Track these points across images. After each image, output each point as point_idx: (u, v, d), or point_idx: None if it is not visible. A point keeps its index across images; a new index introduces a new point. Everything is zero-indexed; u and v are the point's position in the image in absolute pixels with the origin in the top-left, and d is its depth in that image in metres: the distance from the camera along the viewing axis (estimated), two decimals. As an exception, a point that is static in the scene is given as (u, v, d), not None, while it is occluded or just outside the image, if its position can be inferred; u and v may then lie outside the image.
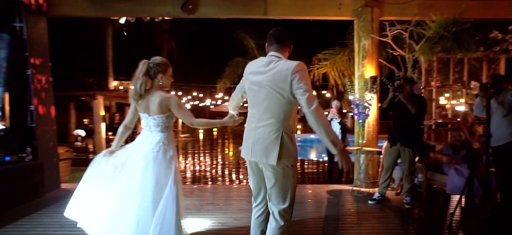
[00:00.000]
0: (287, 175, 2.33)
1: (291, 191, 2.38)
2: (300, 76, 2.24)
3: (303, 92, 2.21)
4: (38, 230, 3.62)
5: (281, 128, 2.28)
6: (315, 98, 2.23)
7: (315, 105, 2.20)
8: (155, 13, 5.93)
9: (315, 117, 2.19)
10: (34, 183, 4.87)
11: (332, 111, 6.18)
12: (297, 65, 2.27)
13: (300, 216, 4.21)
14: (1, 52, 4.98)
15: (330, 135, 2.21)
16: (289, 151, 2.30)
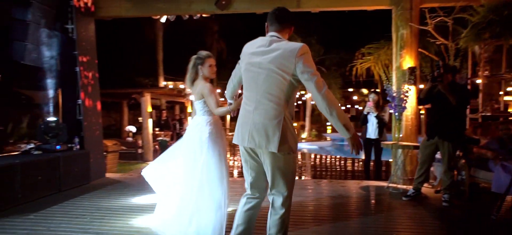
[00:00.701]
0: (287, 162, 2.21)
1: (291, 179, 2.27)
2: (306, 59, 2.12)
3: (310, 75, 2.09)
4: (79, 211, 3.95)
5: (282, 113, 2.15)
6: (323, 81, 2.12)
7: (325, 88, 2.09)
8: (191, 10, 6.14)
9: (326, 101, 2.07)
10: (80, 171, 5.30)
11: (368, 105, 5.96)
12: (302, 47, 2.14)
13: (328, 212, 4.13)
14: (55, 51, 5.48)
15: (343, 118, 2.10)
16: (290, 137, 2.18)
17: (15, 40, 5.02)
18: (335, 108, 2.09)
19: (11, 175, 4.12)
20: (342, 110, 2.12)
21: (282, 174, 2.22)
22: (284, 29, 2.30)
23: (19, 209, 3.98)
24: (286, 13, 2.32)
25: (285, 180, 2.24)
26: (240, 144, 2.29)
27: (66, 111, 5.67)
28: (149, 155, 10.67)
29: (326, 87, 2.11)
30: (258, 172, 2.33)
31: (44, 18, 5.27)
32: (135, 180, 5.78)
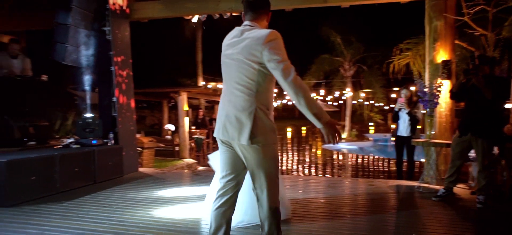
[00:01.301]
0: (265, 154, 2.10)
1: (271, 171, 2.14)
2: (272, 46, 2.02)
3: (276, 63, 2.00)
4: (107, 201, 4.19)
5: (255, 103, 2.07)
6: (291, 68, 2.00)
7: (292, 75, 1.98)
8: (219, 9, 6.26)
9: (293, 88, 1.96)
10: (114, 164, 5.60)
11: (400, 101, 5.71)
12: (270, 33, 2.05)
13: (348, 210, 4.02)
14: (92, 51, 5.85)
15: (313, 106, 1.97)
16: (264, 128, 2.08)
17: (58, 42, 5.44)
18: (303, 96, 1.97)
19: (51, 165, 4.47)
20: (311, 98, 2.00)
21: (260, 167, 2.12)
22: (259, 17, 2.21)
23: (56, 197, 4.30)
24: (264, 3, 2.23)
25: (265, 172, 2.13)
26: (217, 136, 2.25)
27: (103, 108, 6.03)
28: (185, 153, 11.01)
29: (293, 74, 1.99)
30: (232, 165, 2.23)
31: (83, 21, 5.65)
32: (165, 175, 6.00)
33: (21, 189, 4.04)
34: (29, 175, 4.15)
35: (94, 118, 5.62)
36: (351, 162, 12.38)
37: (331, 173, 9.75)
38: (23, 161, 4.13)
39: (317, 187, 5.09)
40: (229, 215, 2.27)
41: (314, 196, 4.51)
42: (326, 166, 11.32)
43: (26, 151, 4.79)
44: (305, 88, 1.99)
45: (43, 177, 4.32)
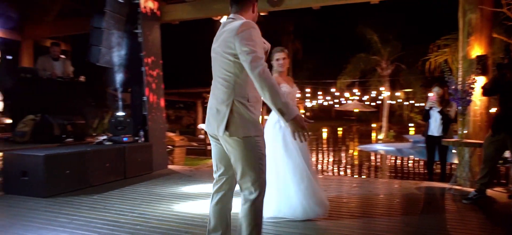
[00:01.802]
0: (246, 147, 2.05)
1: (254, 165, 2.07)
2: (244, 36, 1.98)
3: (246, 54, 1.95)
4: (134, 195, 4.38)
5: (232, 95, 2.05)
6: (259, 60, 1.94)
7: (259, 68, 1.91)
8: (245, 9, 6.31)
9: (259, 81, 1.91)
10: (144, 160, 5.84)
11: (430, 99, 5.44)
12: (242, 24, 2.01)
13: (374, 211, 3.92)
14: (124, 53, 6.14)
15: (277, 101, 1.90)
16: (243, 121, 2.04)
17: (93, 45, 5.77)
18: (268, 89, 1.91)
19: (84, 160, 4.75)
20: (277, 92, 1.92)
21: (240, 160, 2.07)
22: (243, 8, 2.17)
23: (88, 190, 4.57)
24: None
25: (247, 166, 2.07)
26: (205, 129, 2.27)
27: (134, 107, 6.31)
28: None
29: (261, 67, 1.93)
30: (221, 159, 2.21)
31: (116, 24, 5.95)
32: (192, 172, 6.16)
33: (57, 182, 4.33)
34: (64, 168, 4.44)
35: (125, 116, 5.90)
36: (385, 163, 11.99)
37: (364, 174, 9.50)
38: (59, 155, 4.43)
39: (344, 187, 4.99)
40: (226, 211, 2.25)
41: (338, 194, 4.43)
42: (359, 166, 11.05)
43: (63, 147, 5.12)
44: (271, 83, 1.92)
45: (77, 171, 4.60)
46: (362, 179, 7.30)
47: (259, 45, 2.01)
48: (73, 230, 3.07)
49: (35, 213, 3.59)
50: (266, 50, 2.19)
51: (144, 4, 6.29)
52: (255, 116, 2.09)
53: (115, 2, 5.79)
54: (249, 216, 2.06)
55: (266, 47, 2.19)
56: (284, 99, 1.93)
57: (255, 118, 2.09)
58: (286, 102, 1.93)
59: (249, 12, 2.20)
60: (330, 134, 27.28)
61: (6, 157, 4.46)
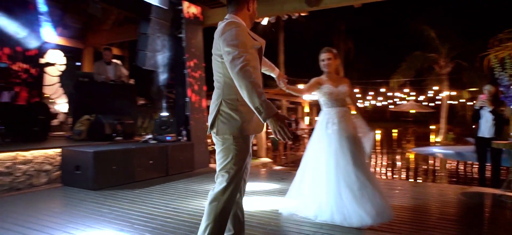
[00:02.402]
0: (226, 146, 2.08)
1: (231, 166, 2.07)
2: (226, 37, 1.98)
3: (227, 55, 1.96)
4: (172, 191, 4.63)
5: (221, 96, 2.09)
6: (238, 58, 1.91)
7: (237, 67, 1.90)
8: (284, 10, 6.37)
9: (237, 80, 1.91)
10: (185, 159, 6.12)
11: (481, 98, 5.05)
12: (225, 25, 2.03)
13: (411, 217, 3.74)
14: (168, 56, 6.50)
15: (254, 100, 1.86)
16: (228, 121, 2.07)
17: (139, 50, 6.19)
18: (244, 88, 1.88)
19: (129, 157, 5.12)
20: (253, 90, 1.86)
21: (221, 157, 2.11)
22: (238, 7, 2.18)
23: (132, 185, 4.91)
24: None
25: (223, 165, 2.09)
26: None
27: (178, 108, 6.64)
28: (262, 152, 11.33)
29: (239, 66, 1.90)
30: None
31: (160, 29, 6.32)
32: (232, 171, 6.31)
33: (104, 176, 4.72)
34: (111, 164, 4.82)
35: (169, 116, 6.23)
36: (440, 167, 11.25)
37: (413, 177, 9.03)
38: (106, 152, 4.83)
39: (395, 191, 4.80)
40: (237, 210, 2.27)
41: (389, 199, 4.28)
42: (410, 170, 10.50)
43: (112, 145, 5.56)
44: (248, 81, 1.89)
45: (122, 167, 4.97)
46: (410, 183, 6.95)
47: (242, 44, 1.98)
48: (111, 220, 3.34)
49: (83, 203, 3.95)
50: (258, 48, 2.17)
51: (187, 9, 6.60)
52: (242, 116, 2.08)
53: (159, 9, 6.15)
54: (209, 212, 2.09)
55: (256, 45, 2.15)
56: (262, 99, 1.87)
57: (242, 118, 2.07)
58: (263, 101, 1.87)
59: (244, 11, 2.20)
60: (384, 136, 26.14)
61: (63, 152, 4.96)
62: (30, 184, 4.67)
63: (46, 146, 4.99)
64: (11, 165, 4.51)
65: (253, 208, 3.78)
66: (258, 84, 1.90)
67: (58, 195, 4.41)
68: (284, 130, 1.87)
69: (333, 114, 3.40)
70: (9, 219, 3.37)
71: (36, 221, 3.31)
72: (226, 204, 2.10)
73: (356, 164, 3.21)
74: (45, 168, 4.84)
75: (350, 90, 3.50)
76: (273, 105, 1.92)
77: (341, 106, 3.44)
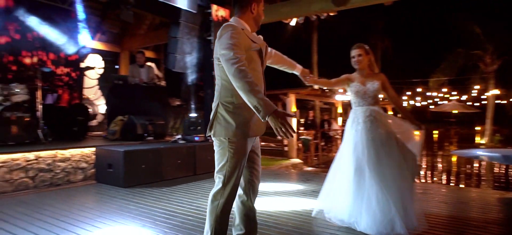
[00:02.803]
0: (220, 148, 2.14)
1: (225, 169, 2.12)
2: (221, 41, 2.03)
3: (223, 58, 2.00)
4: (197, 190, 4.76)
5: (219, 98, 2.15)
6: (234, 59, 1.94)
7: (233, 68, 1.92)
8: (311, 10, 6.34)
9: (233, 81, 1.94)
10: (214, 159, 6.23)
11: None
12: (222, 28, 2.08)
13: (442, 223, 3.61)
14: (197, 58, 6.68)
15: (251, 99, 1.87)
16: (223, 123, 2.11)
17: (169, 53, 6.42)
18: (241, 88, 1.90)
19: (158, 157, 5.33)
20: (251, 89, 1.87)
21: (218, 159, 2.17)
22: (242, 10, 2.21)
23: (160, 183, 5.11)
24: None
25: (219, 166, 2.15)
26: None
27: (207, 109, 6.80)
28: (293, 153, 11.29)
29: (235, 66, 1.92)
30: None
31: (190, 33, 6.52)
32: (265, 172, 6.36)
33: (134, 174, 4.95)
34: (140, 163, 5.05)
35: (197, 117, 6.41)
36: (481, 171, 10.63)
37: (454, 182, 8.61)
38: (136, 151, 5.06)
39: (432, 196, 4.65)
40: (247, 210, 2.33)
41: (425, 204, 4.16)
42: (451, 174, 10.01)
43: (143, 144, 5.81)
44: (244, 81, 1.90)
45: (151, 165, 5.19)
46: (449, 187, 6.65)
47: (237, 45, 2.00)
48: (135, 216, 3.52)
49: (113, 200, 4.18)
50: (258, 49, 2.18)
51: (216, 12, 6.74)
52: (238, 120, 2.10)
53: (188, 13, 6.35)
54: (208, 213, 2.17)
55: (255, 47, 2.17)
56: (259, 96, 1.88)
57: (237, 121, 2.09)
58: (261, 99, 1.87)
59: (248, 14, 2.22)
60: (424, 137, 25.02)
61: (97, 151, 5.26)
62: (68, 180, 5.00)
63: (82, 145, 5.32)
64: (51, 162, 4.86)
65: (272, 208, 3.81)
66: (254, 83, 1.92)
67: (91, 191, 4.69)
68: (285, 126, 1.84)
69: (359, 114, 3.24)
70: (46, 211, 3.65)
71: (69, 214, 3.55)
72: (225, 205, 2.15)
73: (379, 168, 2.98)
74: (81, 166, 5.17)
75: (386, 87, 3.26)
76: (271, 103, 1.91)
77: (369, 105, 3.22)
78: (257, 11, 2.25)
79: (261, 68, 2.22)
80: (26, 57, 6.99)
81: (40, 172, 4.74)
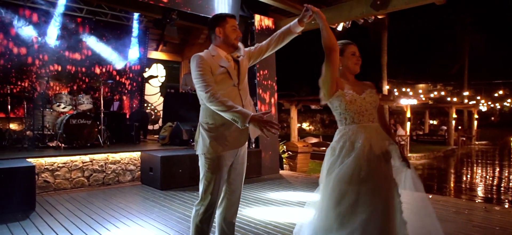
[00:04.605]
0: (201, 164, 2.39)
1: (203, 183, 2.36)
2: (192, 70, 2.29)
3: (195, 85, 2.26)
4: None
5: (200, 118, 2.39)
6: (203, 88, 2.19)
7: (206, 96, 2.19)
8: (352, 15, 6.12)
9: (210, 106, 2.21)
10: (253, 165, 6.40)
11: None
12: (191, 59, 2.32)
13: None
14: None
15: (229, 115, 2.14)
16: (201, 141, 2.35)
17: (213, 63, 6.77)
18: (218, 110, 2.17)
19: (194, 161, 5.62)
20: (225, 106, 2.13)
21: (200, 173, 2.40)
22: (212, 37, 2.43)
23: (195, 187, 5.41)
24: (210, 19, 2.46)
25: (200, 180, 2.39)
26: None
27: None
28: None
29: (208, 93, 2.18)
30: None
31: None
32: (297, 180, 6.37)
33: (171, 178, 5.36)
34: (178, 167, 5.45)
35: (238, 124, 6.64)
36: None
37: None
38: (173, 157, 5.47)
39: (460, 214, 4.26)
40: (227, 224, 2.50)
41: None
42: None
43: (183, 150, 6.22)
44: (216, 105, 2.17)
45: (187, 170, 5.56)
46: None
47: (204, 73, 2.23)
48: (158, 216, 3.90)
49: (146, 201, 4.62)
50: (225, 72, 2.32)
51: (259, 22, 6.92)
52: (213, 137, 2.31)
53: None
54: (191, 224, 2.41)
55: (220, 71, 2.30)
56: (233, 110, 2.13)
57: (211, 138, 2.31)
58: (235, 111, 2.12)
59: (216, 39, 2.41)
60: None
61: (142, 156, 5.82)
62: (117, 181, 5.64)
63: (130, 149, 5.93)
64: (103, 164, 5.53)
65: (266, 217, 3.89)
66: (225, 101, 2.16)
67: (133, 192, 5.21)
68: (266, 126, 2.07)
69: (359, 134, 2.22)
70: (94, 207, 4.25)
71: (111, 212, 4.10)
72: (203, 215, 2.36)
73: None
74: (129, 168, 5.78)
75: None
76: (247, 111, 2.14)
77: (374, 121, 2.26)
78: (224, 33, 2.38)
79: (232, 85, 2.36)
80: (95, 69, 8.04)
81: (94, 172, 5.43)
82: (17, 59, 7.16)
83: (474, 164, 13.84)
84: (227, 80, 2.34)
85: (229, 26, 2.39)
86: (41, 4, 7.09)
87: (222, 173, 2.38)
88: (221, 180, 2.38)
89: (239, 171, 2.54)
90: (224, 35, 2.38)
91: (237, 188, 2.53)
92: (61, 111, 6.44)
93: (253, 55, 2.61)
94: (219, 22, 2.38)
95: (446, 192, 8.06)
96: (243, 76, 2.47)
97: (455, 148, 17.22)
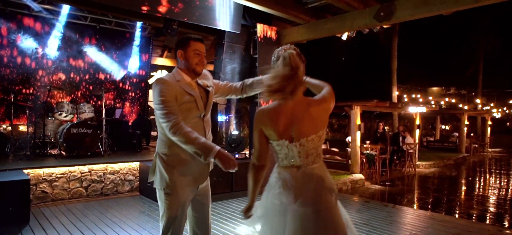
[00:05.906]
0: (160, 199, 2.17)
1: (163, 220, 2.14)
2: (154, 96, 2.09)
3: (156, 112, 2.08)
4: (221, 208, 4.93)
5: (157, 148, 2.19)
6: (165, 117, 2.01)
7: (168, 126, 2.00)
8: (355, 26, 6.00)
9: (171, 137, 2.01)
10: (252, 176, 6.35)
11: None
12: (154, 82, 2.12)
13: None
14: (242, 76, 6.87)
15: (191, 148, 1.98)
16: (159, 174, 2.14)
17: (215, 72, 6.73)
18: (180, 142, 1.99)
19: (195, 173, 5.64)
20: (188, 138, 1.97)
21: (159, 206, 2.19)
22: (176, 60, 2.24)
23: (193, 200, 5.41)
24: (176, 42, 2.27)
25: (160, 215, 2.18)
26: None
27: (251, 126, 6.95)
28: (356, 167, 10.73)
29: (169, 121, 1.99)
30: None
31: (234, 53, 6.75)
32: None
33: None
34: (176, 179, 5.42)
35: (239, 134, 6.59)
36: None
37: None
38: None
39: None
40: None
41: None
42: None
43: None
44: (179, 136, 1.99)
45: (186, 182, 5.52)
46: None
47: (167, 101, 2.03)
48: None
49: (140, 211, 4.60)
50: (191, 100, 2.14)
51: (262, 31, 6.85)
52: (172, 170, 2.11)
53: (233, 34, 6.57)
54: None
55: (186, 99, 2.12)
56: (197, 143, 1.98)
57: (171, 172, 2.11)
58: (198, 145, 1.98)
59: (180, 63, 2.20)
60: None
61: (141, 166, 5.81)
62: (116, 191, 5.64)
63: (129, 159, 5.92)
64: (102, 174, 5.54)
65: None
66: (189, 133, 1.99)
67: (130, 204, 5.19)
68: (225, 164, 2.02)
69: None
70: (91, 217, 4.29)
71: (108, 222, 4.14)
72: None
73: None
74: (128, 178, 5.77)
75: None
76: (210, 145, 2.00)
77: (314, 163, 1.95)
78: (185, 57, 2.17)
79: (198, 116, 2.19)
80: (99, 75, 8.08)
81: (92, 183, 5.44)
82: (21, 68, 7.24)
83: (486, 173, 13.48)
84: (193, 110, 2.15)
85: (190, 50, 2.17)
86: (44, 13, 7.15)
87: (184, 208, 2.17)
88: (183, 217, 2.17)
89: (204, 201, 2.35)
90: (185, 59, 2.17)
91: (204, 219, 2.34)
92: (63, 119, 6.48)
93: (221, 90, 2.49)
94: (180, 45, 2.19)
95: (454, 206, 7.84)
96: (209, 107, 2.29)
97: (466, 156, 16.77)
